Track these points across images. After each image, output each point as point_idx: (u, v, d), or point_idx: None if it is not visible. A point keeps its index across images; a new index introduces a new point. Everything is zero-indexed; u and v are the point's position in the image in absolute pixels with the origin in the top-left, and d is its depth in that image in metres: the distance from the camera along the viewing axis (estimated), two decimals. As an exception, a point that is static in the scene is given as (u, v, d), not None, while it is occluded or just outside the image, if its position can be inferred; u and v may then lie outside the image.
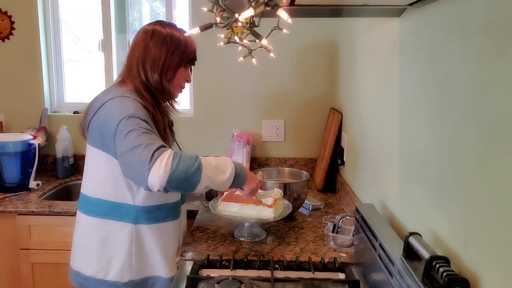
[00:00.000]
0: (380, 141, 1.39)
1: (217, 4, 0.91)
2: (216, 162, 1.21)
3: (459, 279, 0.72)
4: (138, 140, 1.14)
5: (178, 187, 1.15)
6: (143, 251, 1.34)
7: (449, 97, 0.88)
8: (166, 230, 1.38)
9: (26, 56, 2.41)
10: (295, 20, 1.03)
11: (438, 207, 0.93)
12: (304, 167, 2.39)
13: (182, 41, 1.39)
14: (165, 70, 1.36)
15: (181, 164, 1.12)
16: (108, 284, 1.33)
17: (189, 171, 1.13)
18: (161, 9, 2.57)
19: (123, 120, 1.19)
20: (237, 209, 1.44)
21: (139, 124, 1.18)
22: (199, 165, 1.15)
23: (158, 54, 1.35)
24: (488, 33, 0.74)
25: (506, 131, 0.67)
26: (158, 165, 1.10)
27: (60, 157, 2.31)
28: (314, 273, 1.24)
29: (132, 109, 1.22)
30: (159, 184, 1.11)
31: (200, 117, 2.42)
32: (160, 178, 1.10)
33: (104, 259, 1.33)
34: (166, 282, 1.37)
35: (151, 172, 1.10)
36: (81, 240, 1.39)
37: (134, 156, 1.13)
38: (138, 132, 1.16)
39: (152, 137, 1.17)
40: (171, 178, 1.11)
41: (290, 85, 2.37)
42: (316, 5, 1.10)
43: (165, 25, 1.40)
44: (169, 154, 1.12)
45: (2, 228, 1.92)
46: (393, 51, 1.26)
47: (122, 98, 1.27)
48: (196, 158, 1.17)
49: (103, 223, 1.32)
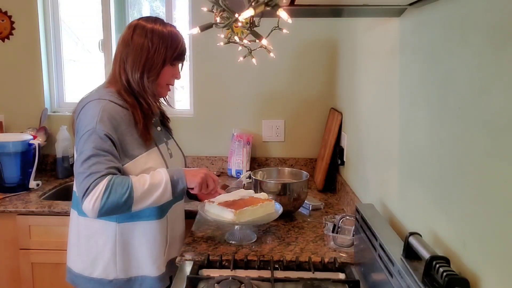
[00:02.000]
0: (380, 141, 1.39)
1: (217, 4, 0.91)
2: (149, 181, 1.25)
3: (459, 279, 0.72)
4: (83, 167, 1.21)
5: (111, 214, 1.24)
6: (128, 250, 1.35)
7: (449, 97, 0.88)
8: (150, 229, 1.36)
9: (26, 56, 2.41)
10: (295, 20, 1.03)
11: (438, 207, 0.93)
12: (304, 167, 2.39)
13: (166, 36, 1.31)
14: (147, 70, 1.30)
15: (111, 197, 1.19)
16: (94, 281, 1.34)
17: (120, 202, 1.20)
18: (161, 9, 2.57)
19: (83, 136, 1.24)
20: (212, 209, 1.44)
21: (95, 143, 1.22)
22: (130, 192, 1.21)
23: (139, 52, 1.29)
24: (488, 33, 0.74)
25: (506, 131, 0.67)
26: (89, 199, 1.19)
27: (60, 157, 2.31)
28: (314, 273, 1.24)
29: (96, 120, 1.24)
30: (91, 216, 1.22)
31: (200, 117, 2.42)
32: (90, 212, 1.20)
33: (90, 257, 1.35)
34: (154, 280, 1.37)
35: (84, 204, 1.20)
36: (71, 238, 1.41)
37: (77, 181, 1.23)
38: (88, 154, 1.21)
39: (99, 160, 1.21)
40: (101, 212, 1.20)
41: (290, 85, 2.37)
42: (316, 5, 1.10)
43: (150, 20, 1.33)
44: (102, 187, 1.18)
45: (2, 228, 1.92)
46: (393, 51, 1.26)
47: (98, 101, 1.28)
48: (128, 186, 1.21)
49: (90, 221, 1.33)
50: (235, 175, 2.33)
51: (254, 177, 1.73)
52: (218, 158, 2.44)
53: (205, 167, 2.43)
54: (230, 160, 2.35)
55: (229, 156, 2.36)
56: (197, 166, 2.37)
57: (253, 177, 1.73)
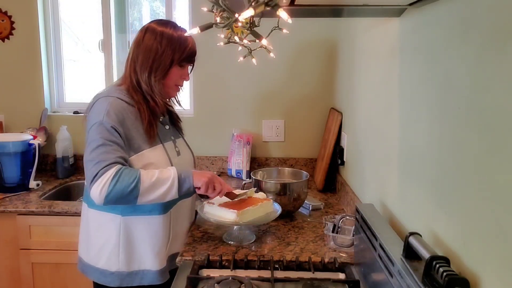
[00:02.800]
0: (380, 141, 1.39)
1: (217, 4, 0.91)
2: (158, 175, 1.29)
3: (459, 279, 0.72)
4: (92, 155, 1.27)
5: (117, 203, 1.28)
6: (131, 243, 1.39)
7: (449, 97, 0.88)
8: (153, 223, 1.39)
9: (26, 56, 2.41)
10: (295, 20, 1.03)
11: (438, 207, 0.93)
12: (304, 167, 2.39)
13: (175, 39, 1.38)
14: (155, 69, 1.38)
15: (118, 184, 1.23)
16: (99, 272, 1.40)
17: (125, 191, 1.24)
18: (161, 9, 2.57)
19: (92, 128, 1.30)
20: (213, 210, 1.44)
21: (102, 134, 1.28)
22: (137, 183, 1.25)
23: (148, 52, 1.37)
24: (488, 33, 0.74)
25: (506, 131, 0.67)
26: (97, 185, 1.23)
27: (60, 157, 2.31)
28: (314, 273, 1.24)
29: (103, 113, 1.30)
30: (98, 202, 1.25)
31: (200, 117, 2.42)
32: (97, 198, 1.24)
33: (96, 248, 1.40)
34: (155, 274, 1.40)
35: (92, 190, 1.25)
36: (82, 229, 1.47)
37: (86, 170, 1.29)
38: (96, 144, 1.27)
39: (107, 150, 1.27)
40: (107, 199, 1.24)
41: (290, 85, 2.37)
42: (316, 5, 1.10)
43: (161, 23, 1.41)
44: (110, 175, 1.23)
45: (2, 228, 1.92)
46: (393, 51, 1.26)
47: (106, 98, 1.35)
48: (136, 177, 1.25)
49: (97, 213, 1.39)
50: (235, 175, 2.33)
51: (254, 177, 1.73)
52: (218, 158, 2.44)
53: (205, 167, 2.43)
54: (230, 160, 2.35)
55: (229, 156, 2.36)
56: (197, 166, 2.37)
57: (253, 177, 1.73)
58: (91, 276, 1.42)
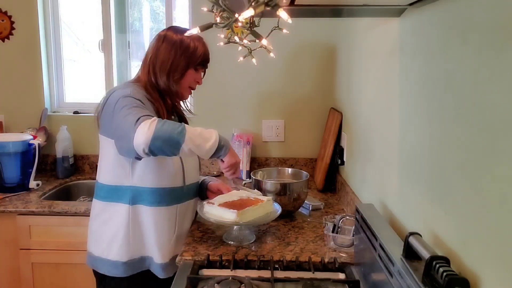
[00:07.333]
0: (380, 141, 1.39)
1: (217, 4, 0.91)
2: (201, 130, 1.30)
3: (459, 279, 0.72)
4: (129, 111, 1.26)
5: (163, 146, 1.22)
6: (140, 231, 1.43)
7: (449, 97, 0.88)
8: (161, 215, 1.44)
9: (26, 56, 2.41)
10: (295, 20, 1.03)
11: (438, 207, 0.93)
12: (304, 167, 2.39)
13: (191, 45, 1.47)
14: (173, 70, 1.45)
15: (165, 126, 1.22)
16: (110, 263, 1.43)
17: (173, 132, 1.22)
18: (161, 9, 2.57)
19: (120, 99, 1.31)
20: (213, 210, 1.44)
21: (133, 102, 1.30)
22: (183, 129, 1.24)
23: (167, 56, 1.45)
24: (488, 33, 0.74)
25: (506, 131, 0.67)
26: (143, 125, 1.20)
27: (60, 157, 2.31)
28: (314, 273, 1.24)
29: (129, 91, 1.35)
30: (144, 142, 1.19)
31: (200, 117, 2.41)
32: (145, 135, 1.19)
33: (106, 240, 1.43)
34: (159, 267, 1.44)
35: (136, 131, 1.19)
36: (91, 223, 1.50)
37: (124, 124, 1.24)
38: (130, 106, 1.28)
39: (143, 110, 1.29)
40: (155, 136, 1.19)
41: (290, 85, 2.37)
42: (316, 5, 1.10)
43: (177, 31, 1.49)
44: (155, 118, 1.23)
45: (2, 228, 1.92)
46: (393, 51, 1.26)
47: (125, 86, 1.41)
48: (181, 124, 1.27)
49: (106, 205, 1.44)
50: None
51: (254, 177, 1.73)
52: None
53: (205, 167, 2.43)
54: (230, 160, 2.35)
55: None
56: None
57: (253, 177, 1.73)
58: (102, 269, 1.45)
